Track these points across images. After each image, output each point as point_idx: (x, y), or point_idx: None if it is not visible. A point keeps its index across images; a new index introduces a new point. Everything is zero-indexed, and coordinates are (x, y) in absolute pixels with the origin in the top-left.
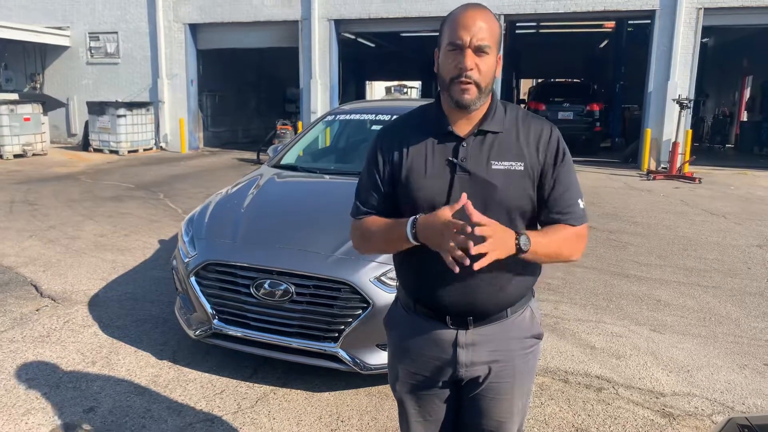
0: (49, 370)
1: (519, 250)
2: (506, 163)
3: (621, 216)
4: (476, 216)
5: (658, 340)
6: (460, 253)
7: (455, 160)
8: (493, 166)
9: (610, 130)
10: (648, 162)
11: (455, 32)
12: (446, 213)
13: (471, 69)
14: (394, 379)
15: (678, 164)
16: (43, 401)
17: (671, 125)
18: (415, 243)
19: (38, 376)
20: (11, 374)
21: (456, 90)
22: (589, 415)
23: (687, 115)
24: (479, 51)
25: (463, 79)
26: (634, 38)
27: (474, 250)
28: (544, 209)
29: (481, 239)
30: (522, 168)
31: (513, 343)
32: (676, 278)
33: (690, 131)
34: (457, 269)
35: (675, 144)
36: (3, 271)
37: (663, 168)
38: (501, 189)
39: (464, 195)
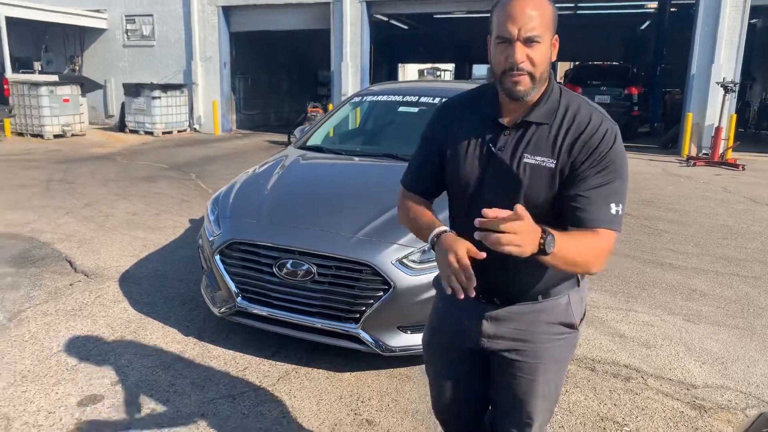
0: (79, 342)
1: (542, 251)
2: (539, 158)
3: (658, 203)
4: (503, 214)
5: (692, 330)
6: (456, 286)
7: (493, 149)
8: (524, 159)
9: (650, 114)
10: (688, 147)
11: (503, 24)
12: (461, 249)
13: (522, 62)
14: (428, 338)
15: (720, 150)
16: (72, 372)
17: (714, 110)
18: None
19: (69, 348)
20: (44, 345)
21: (508, 82)
22: (615, 405)
23: (732, 100)
24: (529, 42)
25: (515, 71)
26: (677, 19)
27: (502, 243)
28: (569, 207)
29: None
30: (553, 165)
31: (538, 326)
32: (714, 268)
33: (734, 116)
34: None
35: (718, 129)
36: (40, 247)
37: (704, 154)
38: (526, 185)
39: (477, 221)
